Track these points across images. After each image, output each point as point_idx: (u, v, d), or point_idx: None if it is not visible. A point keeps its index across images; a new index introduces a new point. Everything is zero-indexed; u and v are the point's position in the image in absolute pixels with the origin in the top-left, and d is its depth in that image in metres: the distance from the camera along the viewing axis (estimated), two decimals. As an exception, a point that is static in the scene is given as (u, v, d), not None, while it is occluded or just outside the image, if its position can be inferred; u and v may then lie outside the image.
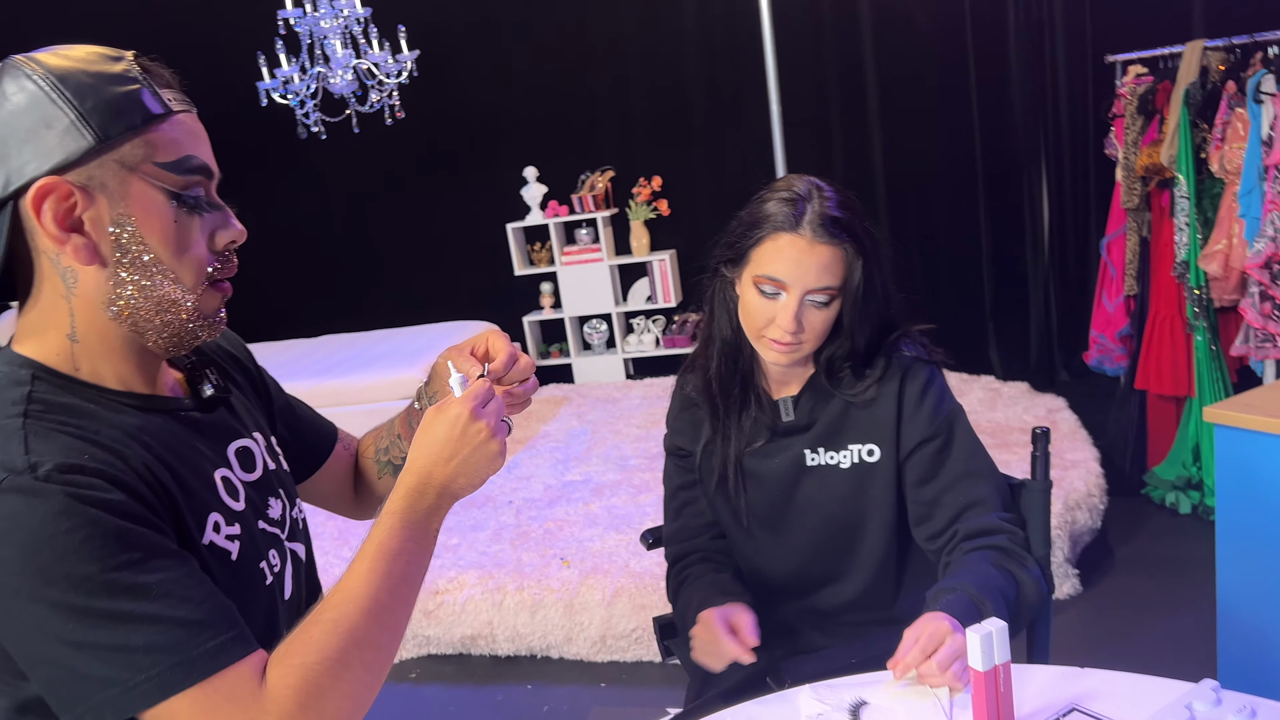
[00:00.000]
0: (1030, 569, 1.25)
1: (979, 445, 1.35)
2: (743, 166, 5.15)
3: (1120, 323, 3.59)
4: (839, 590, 1.39)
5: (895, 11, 4.69)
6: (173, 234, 0.87)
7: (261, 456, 1.05)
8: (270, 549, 1.00)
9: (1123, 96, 3.43)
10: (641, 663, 2.79)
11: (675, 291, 5.39)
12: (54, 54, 0.86)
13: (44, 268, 0.87)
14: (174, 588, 0.80)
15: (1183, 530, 3.19)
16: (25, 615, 0.77)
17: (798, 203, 1.27)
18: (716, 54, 5.09)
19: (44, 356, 0.88)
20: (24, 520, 0.76)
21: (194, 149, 0.89)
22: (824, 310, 1.28)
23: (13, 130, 0.83)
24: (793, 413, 1.38)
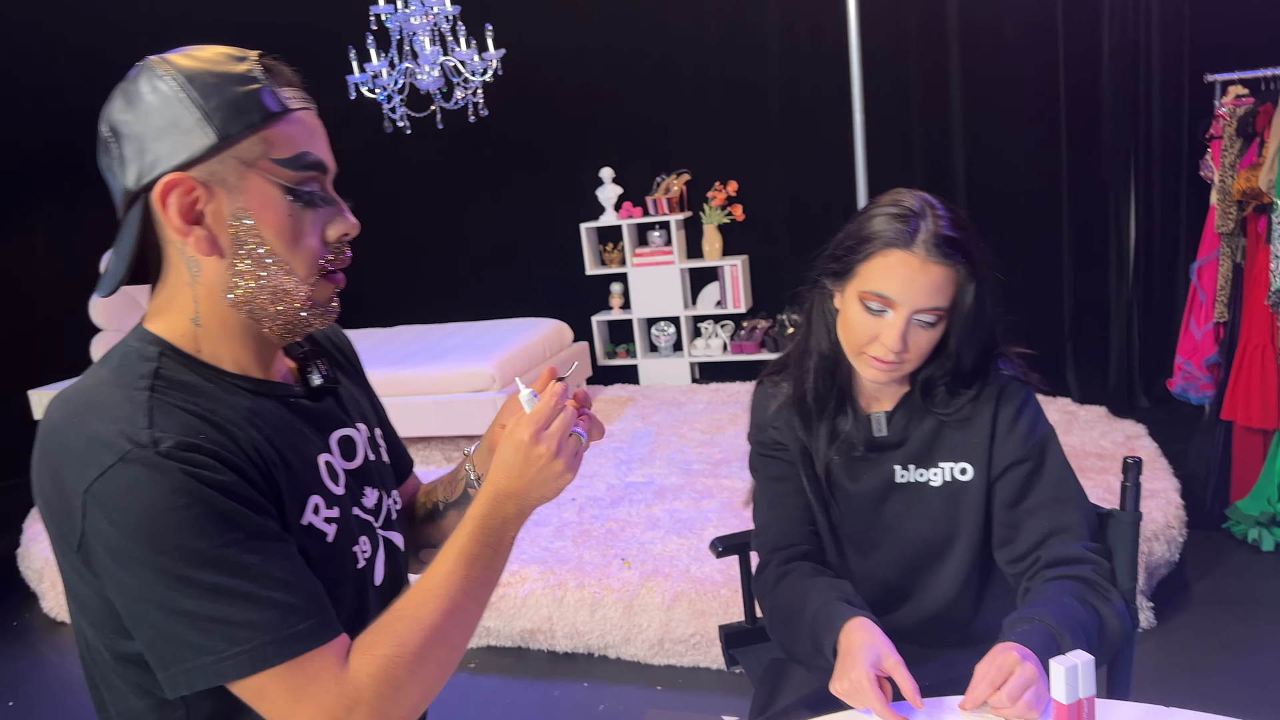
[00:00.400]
0: (1114, 603, 1.22)
1: (1070, 471, 1.33)
2: (820, 175, 5.11)
3: (1208, 350, 3.47)
4: (917, 607, 1.38)
5: (984, 21, 4.61)
6: (287, 227, 0.91)
7: (363, 447, 1.08)
8: (363, 535, 1.03)
9: (1221, 118, 3.32)
10: (698, 668, 2.79)
11: (745, 297, 5.37)
12: (185, 55, 0.91)
13: (171, 256, 0.93)
14: (272, 569, 0.84)
15: (1264, 568, 3.07)
16: (136, 577, 0.82)
17: (910, 219, 1.24)
18: (799, 61, 5.05)
19: (171, 335, 0.93)
20: (144, 491, 0.81)
21: (310, 146, 0.93)
22: (930, 330, 1.26)
23: (147, 127, 0.88)
24: (885, 428, 1.36)
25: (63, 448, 0.85)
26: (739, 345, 5.35)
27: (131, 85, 0.90)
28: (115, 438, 0.82)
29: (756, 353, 5.30)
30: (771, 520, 1.45)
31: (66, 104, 5.18)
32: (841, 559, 1.41)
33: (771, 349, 5.28)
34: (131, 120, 0.89)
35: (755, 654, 1.59)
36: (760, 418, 1.48)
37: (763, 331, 5.33)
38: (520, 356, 4.53)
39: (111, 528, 0.81)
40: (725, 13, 5.14)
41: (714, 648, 2.76)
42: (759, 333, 5.33)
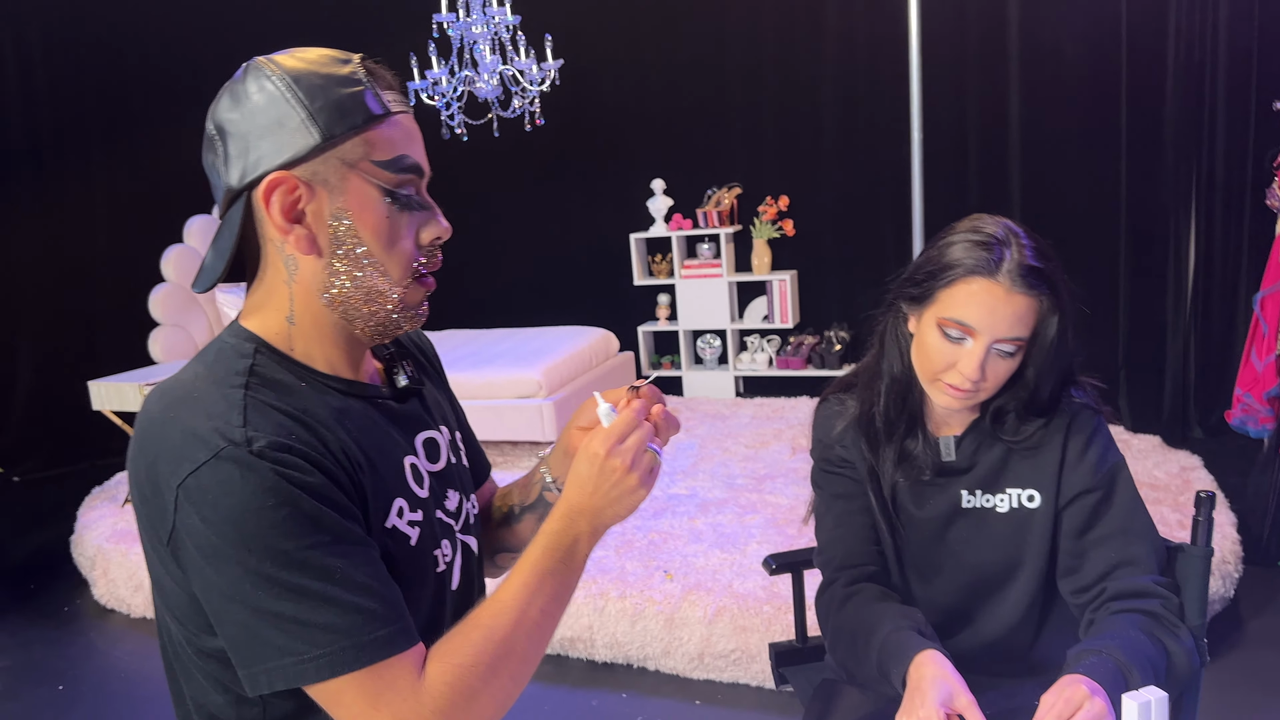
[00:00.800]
0: (1183, 639, 1.19)
1: (1140, 503, 1.30)
2: (872, 193, 5.08)
3: (1270, 383, 3.40)
4: (978, 633, 1.36)
5: (1045, 42, 4.56)
6: (384, 229, 0.93)
7: (446, 449, 1.09)
8: (444, 538, 1.04)
9: (1291, 146, 3.25)
10: (738, 685, 2.78)
11: (793, 313, 5.35)
12: (291, 56, 0.93)
13: (270, 254, 0.94)
14: (355, 574, 0.85)
15: (1323, 609, 2.99)
16: (223, 574, 0.83)
17: (995, 247, 1.23)
18: (856, 77, 5.04)
19: (265, 333, 0.95)
20: (236, 489, 0.82)
21: (408, 149, 0.94)
22: (1008, 360, 1.25)
23: (253, 126, 0.90)
24: (954, 453, 1.35)
25: (159, 441, 0.86)
26: (784, 360, 5.33)
27: (239, 85, 0.92)
28: (210, 434, 0.84)
29: (802, 368, 5.27)
30: (838, 537, 1.42)
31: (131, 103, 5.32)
32: (904, 583, 1.40)
33: (818, 365, 5.25)
34: (237, 119, 0.91)
35: (805, 673, 1.58)
36: (824, 435, 1.46)
37: (809, 347, 5.31)
38: (567, 364, 4.55)
39: (202, 524, 0.83)
40: (783, 27, 5.14)
41: (754, 664, 2.74)
42: (805, 348, 5.31)
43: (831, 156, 5.19)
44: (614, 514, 0.96)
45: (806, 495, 3.79)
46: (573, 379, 4.58)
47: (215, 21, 5.36)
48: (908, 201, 3.72)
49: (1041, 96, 4.63)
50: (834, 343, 5.26)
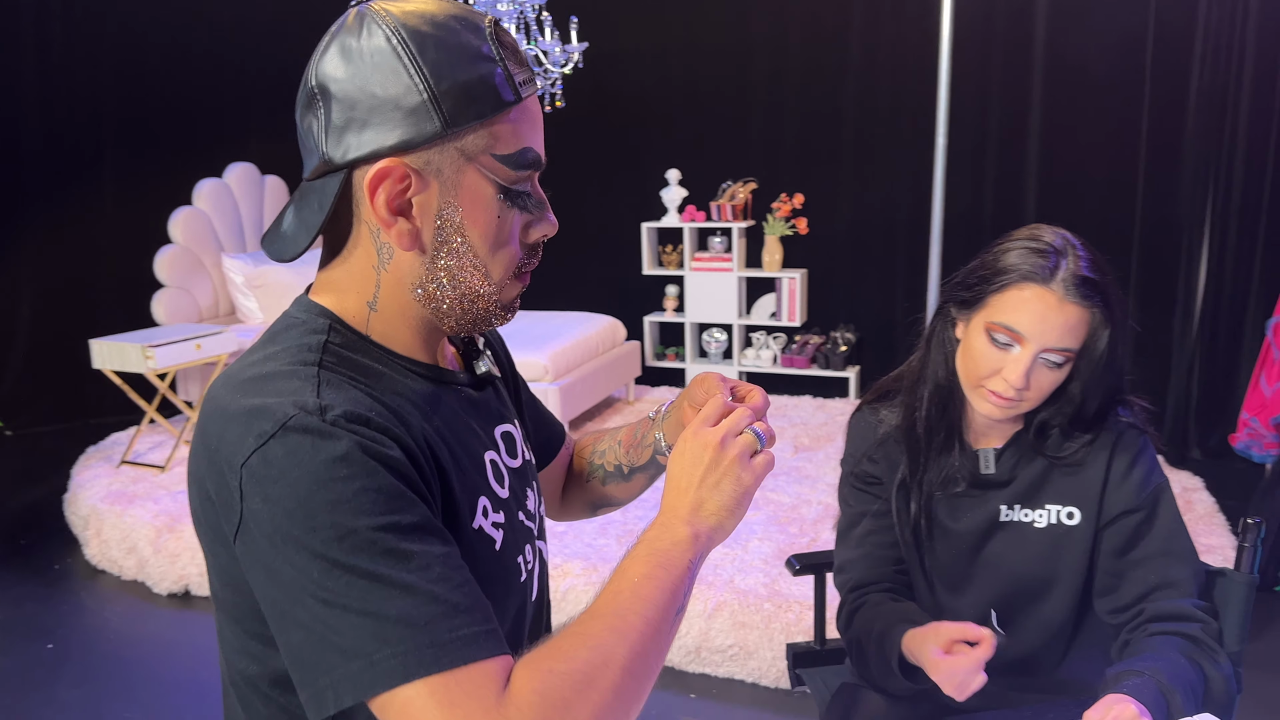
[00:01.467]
0: (1222, 665, 1.19)
1: (1182, 526, 1.29)
2: (888, 197, 5.06)
3: (1277, 409, 3.40)
4: (1008, 649, 1.35)
5: (1071, 56, 4.55)
6: (494, 229, 0.84)
7: (522, 443, 1.01)
8: (526, 544, 0.95)
9: (1315, 173, 3.24)
10: (733, 680, 2.77)
11: (801, 311, 5.34)
12: (417, 12, 0.80)
13: (362, 235, 0.84)
14: (435, 563, 0.74)
15: (1320, 636, 3.00)
16: (286, 566, 0.72)
17: (1051, 255, 1.22)
18: (879, 80, 5.01)
19: (342, 312, 0.86)
20: (305, 459, 0.72)
21: (532, 139, 0.84)
22: (1055, 371, 1.24)
23: (364, 95, 0.79)
24: (993, 466, 1.33)
25: (222, 423, 0.77)
26: (789, 359, 5.32)
27: (350, 38, 0.80)
28: (279, 406, 0.75)
29: (807, 368, 5.27)
30: (854, 559, 1.43)
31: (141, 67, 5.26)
32: (932, 596, 1.39)
33: (822, 365, 5.24)
34: (345, 82, 0.79)
35: (823, 676, 1.57)
36: (858, 446, 1.44)
37: (814, 347, 5.30)
38: (574, 350, 4.54)
39: (265, 505, 0.72)
40: (808, 25, 5.11)
41: (751, 660, 2.74)
42: (810, 348, 5.30)
43: (849, 158, 5.17)
44: (716, 506, 0.85)
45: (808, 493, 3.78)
46: (579, 365, 4.56)
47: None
48: (923, 207, 3.71)
49: (1064, 110, 4.61)
50: (840, 344, 5.25)
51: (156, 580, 3.37)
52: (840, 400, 5.14)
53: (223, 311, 5.03)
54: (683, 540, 0.83)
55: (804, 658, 1.56)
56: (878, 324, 5.26)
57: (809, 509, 3.55)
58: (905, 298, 5.08)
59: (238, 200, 5.08)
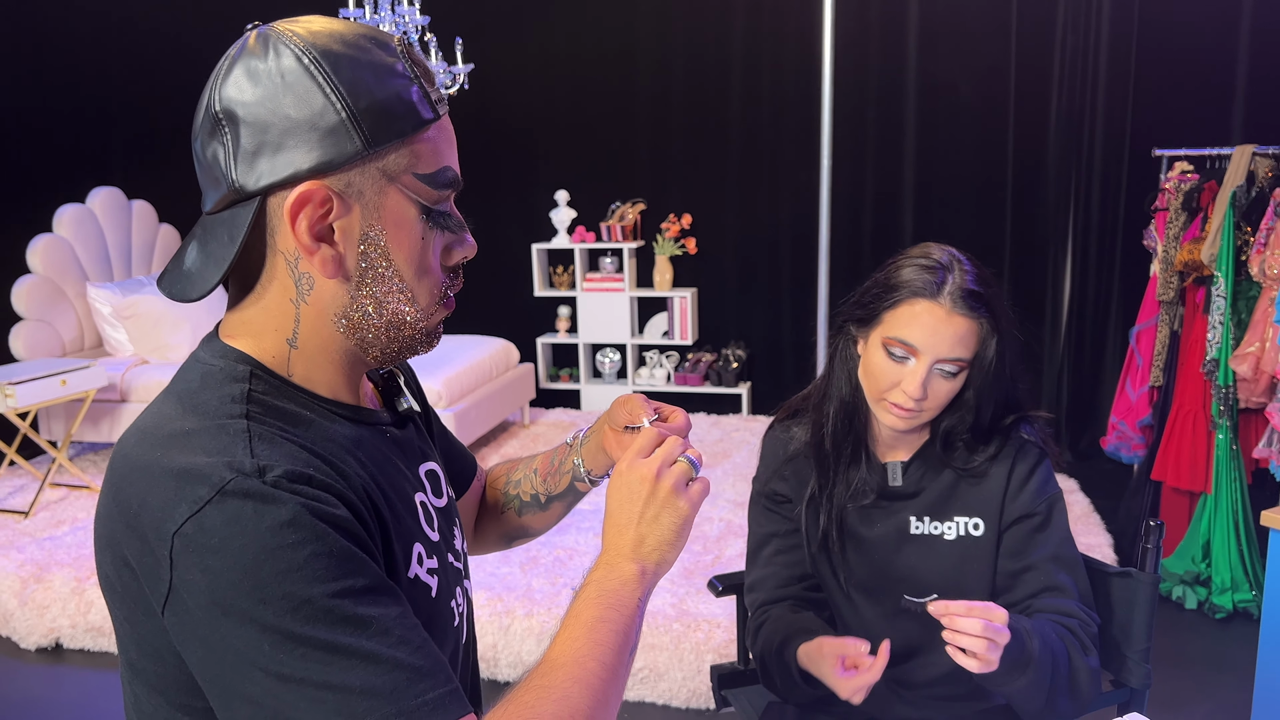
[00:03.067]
0: (1091, 659, 1.27)
1: (1070, 536, 1.38)
2: (774, 215, 5.19)
3: (1142, 412, 3.62)
4: (932, 662, 1.38)
5: (941, 82, 4.76)
6: (417, 251, 0.81)
7: (444, 480, 0.98)
8: (457, 586, 0.92)
9: (1168, 191, 3.48)
10: (644, 703, 2.76)
11: (692, 330, 5.40)
12: (322, 30, 0.77)
13: (278, 267, 0.79)
14: (393, 625, 0.71)
15: (1187, 625, 3.19)
16: (232, 640, 0.68)
17: (938, 271, 1.28)
18: (763, 103, 5.13)
19: (259, 354, 0.81)
20: (249, 527, 0.68)
21: (450, 158, 0.82)
22: (950, 381, 1.29)
23: (277, 117, 0.74)
24: (900, 479, 1.38)
25: (144, 486, 0.71)
26: (683, 377, 5.37)
27: (257, 61, 0.75)
28: (212, 469, 0.70)
29: (700, 385, 5.32)
30: (763, 577, 1.48)
31: None
32: (851, 605, 1.42)
33: (715, 382, 5.31)
34: (255, 105, 0.74)
35: (748, 695, 1.58)
36: (768, 465, 1.49)
37: (707, 364, 5.37)
38: (468, 375, 4.46)
39: (204, 576, 0.68)
40: (692, 46, 5.20)
41: (661, 682, 2.73)
42: (703, 365, 5.36)
43: (735, 179, 5.27)
44: (658, 540, 0.84)
45: (709, 510, 3.80)
46: (473, 389, 4.49)
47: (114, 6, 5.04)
48: (807, 225, 3.81)
49: (936, 132, 4.83)
50: (731, 360, 5.33)
51: (23, 635, 3.13)
52: (734, 416, 5.21)
53: (89, 344, 4.75)
54: (630, 579, 0.82)
55: (729, 678, 1.56)
56: (767, 340, 5.37)
57: (711, 526, 3.58)
58: (793, 314, 5.20)
59: (103, 227, 4.81)
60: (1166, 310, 3.47)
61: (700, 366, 5.36)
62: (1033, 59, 4.56)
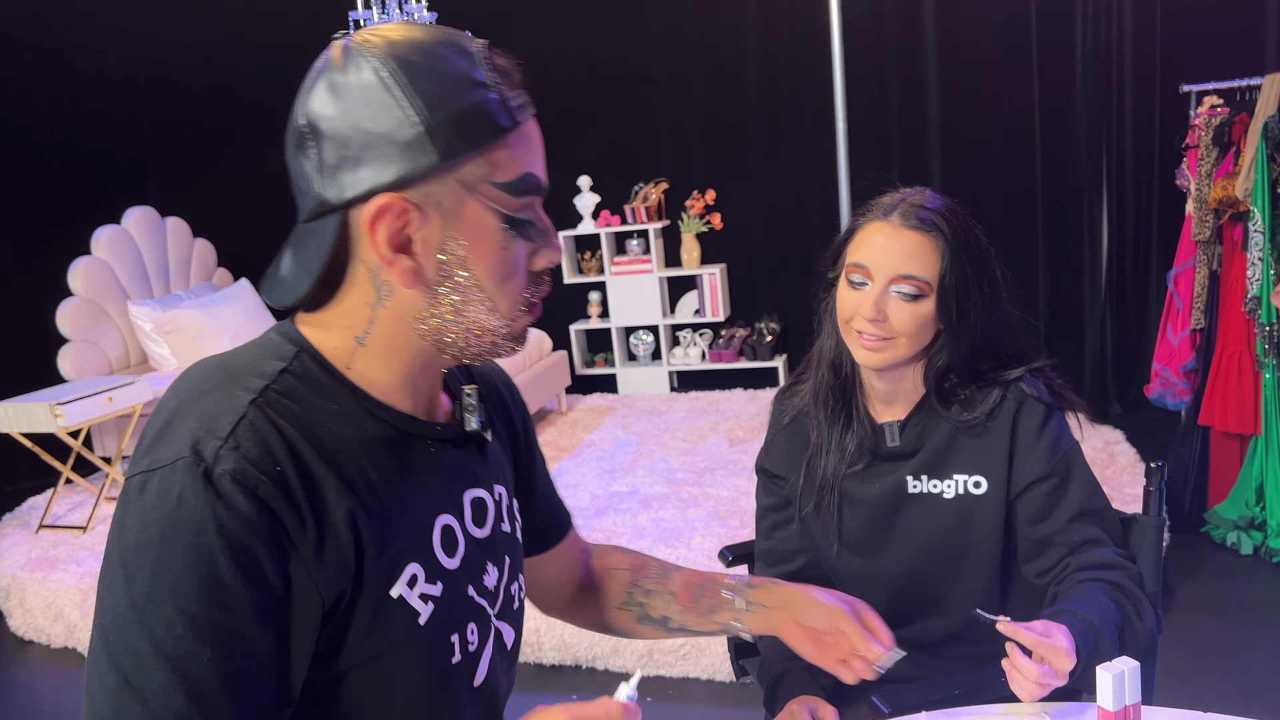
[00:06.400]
0: (1145, 613, 1.22)
1: (1096, 485, 1.31)
2: (798, 184, 5.13)
3: (1185, 357, 3.52)
4: (937, 624, 1.36)
5: (961, 33, 4.66)
6: (499, 261, 0.80)
7: (495, 513, 0.94)
8: (470, 622, 0.89)
9: (1197, 128, 3.37)
10: (688, 679, 2.77)
11: (724, 306, 5.37)
12: (402, 40, 0.77)
13: (359, 274, 0.81)
14: (210, 677, 0.72)
15: (1243, 571, 3.11)
16: (106, 592, 0.74)
17: (895, 196, 1.30)
18: (779, 71, 5.08)
19: (321, 345, 0.83)
20: (165, 509, 0.73)
21: (532, 164, 0.82)
22: (911, 304, 1.25)
23: (356, 130, 0.76)
24: (898, 438, 1.35)
25: (147, 430, 0.78)
26: (717, 354, 5.35)
27: (338, 75, 0.77)
28: (185, 438, 0.74)
29: (735, 361, 5.30)
30: (763, 550, 1.49)
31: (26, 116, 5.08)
32: (846, 568, 1.40)
33: (750, 357, 5.28)
34: (336, 119, 0.76)
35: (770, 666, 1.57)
36: (770, 434, 1.48)
37: (740, 340, 5.34)
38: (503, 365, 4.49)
39: (118, 528, 0.74)
40: (705, 22, 5.15)
41: (704, 657, 2.74)
42: (737, 341, 5.34)
43: (757, 149, 5.22)
44: None
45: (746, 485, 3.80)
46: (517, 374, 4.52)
47: (120, 18, 5.14)
48: (833, 192, 3.76)
49: (959, 87, 4.73)
50: (765, 334, 5.29)
51: (88, 645, 3.24)
52: (771, 390, 5.18)
53: (134, 361, 4.87)
54: None
55: (745, 648, 1.56)
56: (800, 311, 5.32)
57: (748, 500, 3.57)
58: (825, 282, 5.15)
59: (139, 245, 4.92)
60: (1204, 250, 3.36)
61: (734, 342, 5.34)
62: (1053, 1, 4.43)
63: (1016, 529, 1.33)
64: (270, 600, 0.74)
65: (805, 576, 1.45)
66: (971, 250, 1.27)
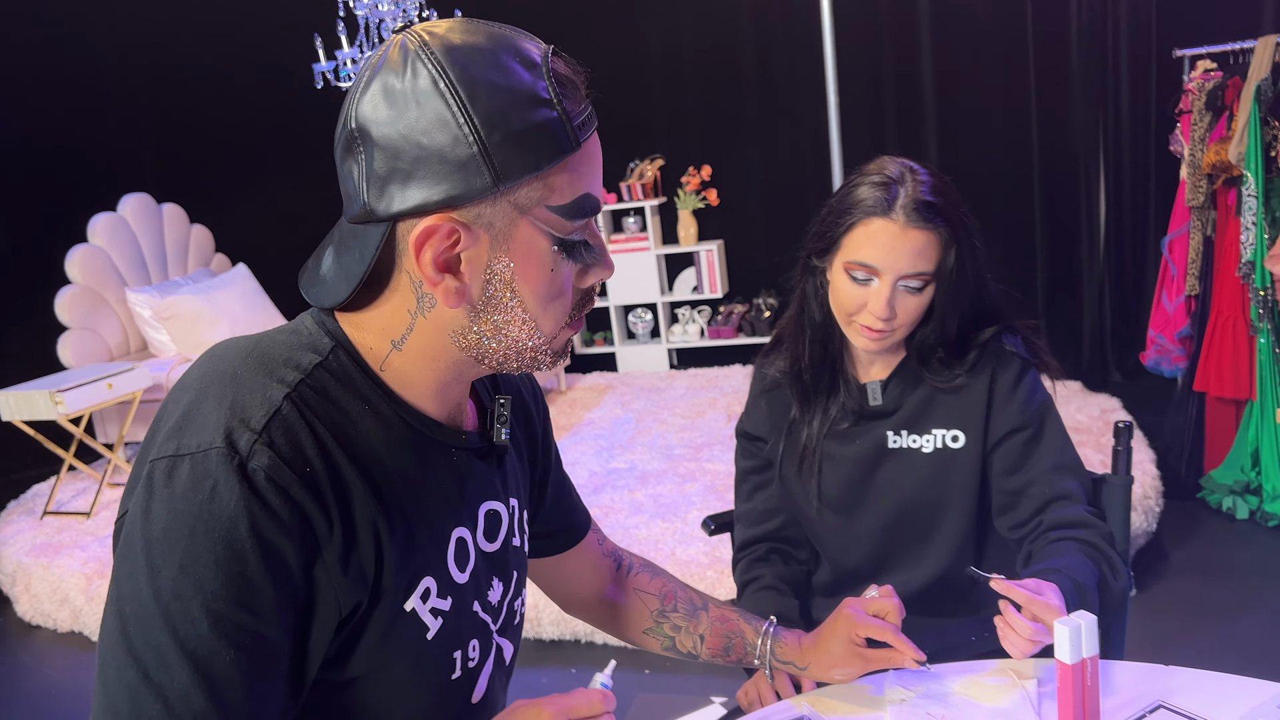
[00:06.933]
0: (1119, 571, 1.23)
1: (1068, 440, 1.34)
2: (794, 158, 5.11)
3: (1180, 323, 3.52)
4: (913, 577, 1.38)
5: (955, 3, 4.62)
6: (546, 282, 0.78)
7: (508, 527, 0.93)
8: (473, 638, 0.88)
9: (1190, 92, 3.35)
10: (686, 651, 2.79)
11: (721, 282, 5.37)
12: (466, 47, 0.73)
13: (403, 284, 0.78)
14: (230, 672, 0.71)
15: (1239, 536, 3.12)
16: (126, 578, 0.72)
17: (890, 186, 1.25)
18: (772, 45, 5.05)
19: (359, 342, 0.81)
20: (197, 500, 0.70)
21: (590, 184, 0.78)
22: (917, 296, 1.27)
23: (408, 144, 0.72)
24: (880, 397, 1.37)
25: (169, 407, 0.76)
26: (716, 330, 5.35)
27: (394, 78, 0.73)
28: (217, 426, 0.72)
29: (734, 337, 5.30)
30: (743, 513, 1.52)
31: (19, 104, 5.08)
32: (825, 525, 1.42)
33: (749, 333, 5.28)
34: (388, 127, 0.72)
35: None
36: (748, 402, 1.50)
37: (740, 316, 5.34)
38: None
39: (142, 514, 0.71)
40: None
41: (701, 630, 2.76)
42: (736, 317, 5.34)
43: (751, 125, 5.20)
44: None
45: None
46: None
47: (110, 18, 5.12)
48: (828, 165, 3.75)
49: (953, 57, 4.69)
50: (763, 310, 5.30)
51: (94, 628, 3.27)
52: (770, 365, 5.18)
53: (134, 348, 4.89)
54: None
55: (729, 612, 1.58)
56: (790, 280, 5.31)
57: (746, 474, 3.59)
58: (822, 257, 5.14)
59: (136, 232, 4.93)
60: (1198, 216, 3.35)
61: (733, 319, 5.34)
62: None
63: (991, 482, 1.35)
64: (294, 604, 0.73)
65: (783, 536, 1.49)
66: (965, 233, 1.28)
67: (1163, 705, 0.98)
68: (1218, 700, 0.98)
